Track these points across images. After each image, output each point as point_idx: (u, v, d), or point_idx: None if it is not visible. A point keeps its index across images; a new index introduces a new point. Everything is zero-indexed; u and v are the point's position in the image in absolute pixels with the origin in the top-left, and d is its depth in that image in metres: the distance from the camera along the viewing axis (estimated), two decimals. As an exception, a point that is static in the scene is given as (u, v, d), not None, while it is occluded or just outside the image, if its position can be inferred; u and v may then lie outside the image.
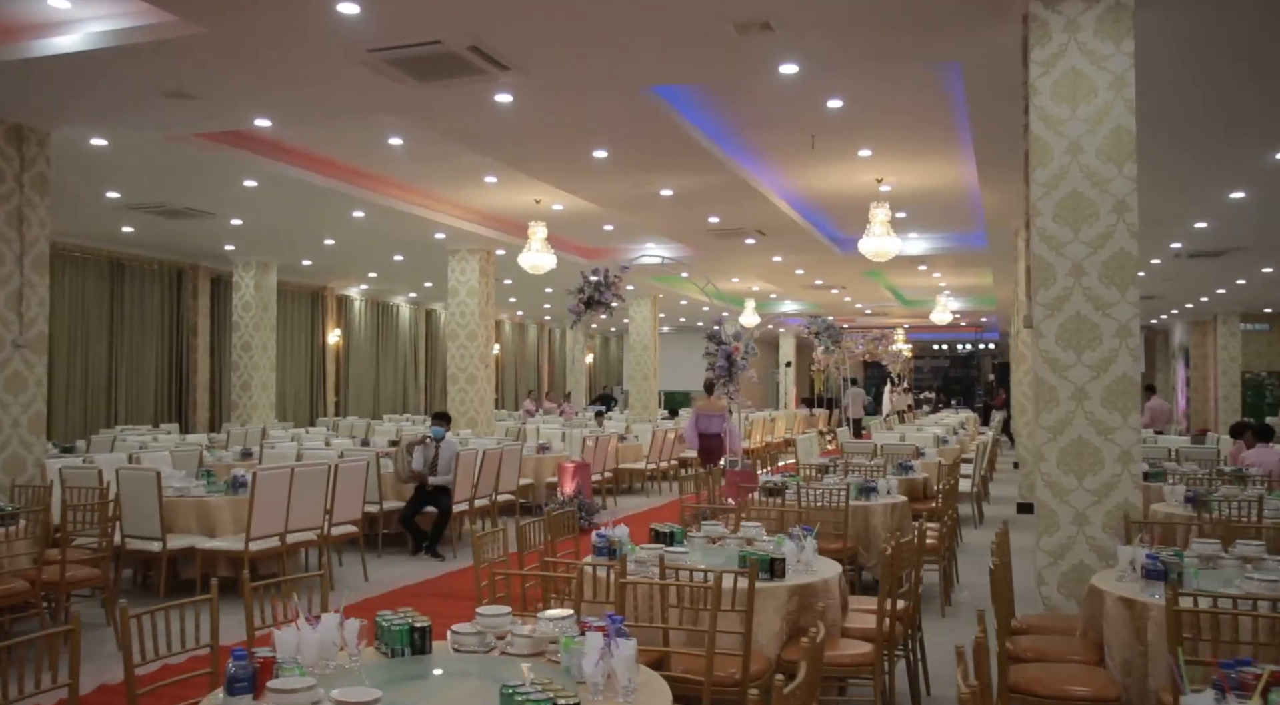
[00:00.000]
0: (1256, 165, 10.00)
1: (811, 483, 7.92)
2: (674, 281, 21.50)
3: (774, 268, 18.53)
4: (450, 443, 9.51)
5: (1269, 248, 15.37)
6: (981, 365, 43.28)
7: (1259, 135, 9.01)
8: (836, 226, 15.12)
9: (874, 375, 37.41)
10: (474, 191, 12.53)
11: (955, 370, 44.75)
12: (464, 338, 14.93)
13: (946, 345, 43.95)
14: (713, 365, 10.62)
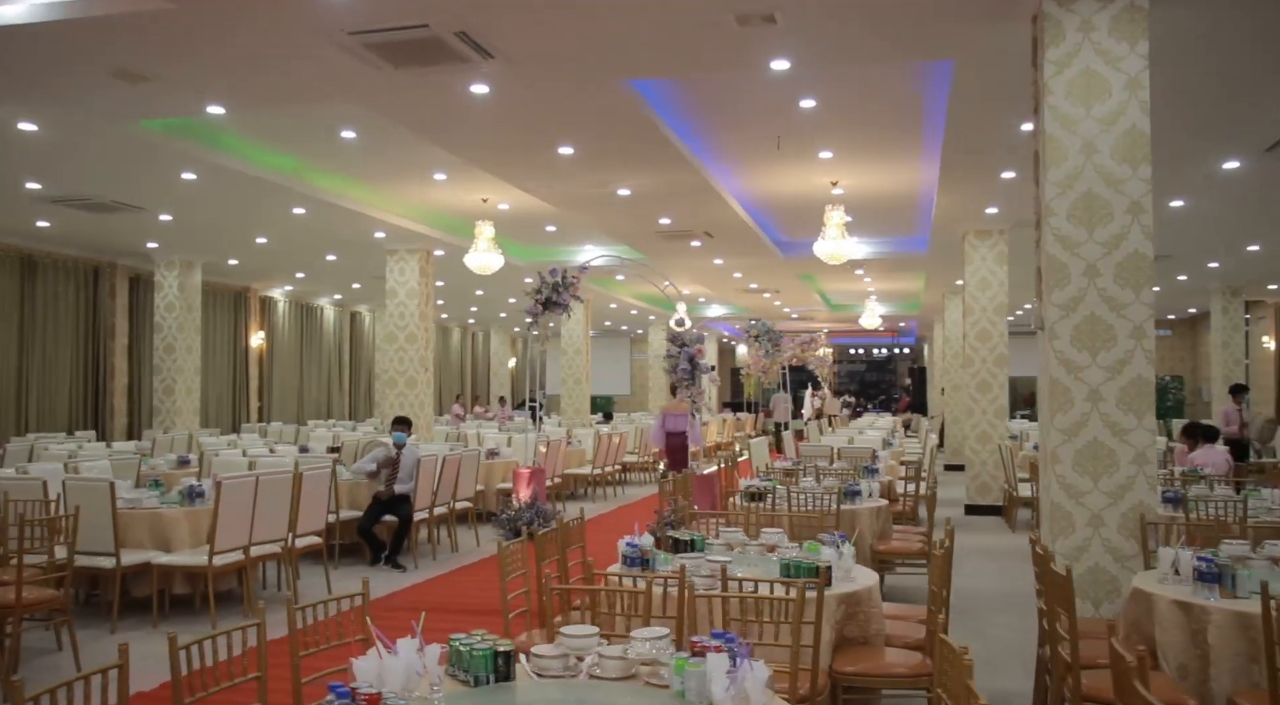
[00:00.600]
0: (1200, 174, 10.27)
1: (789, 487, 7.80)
2: (607, 284, 21.31)
3: (713, 271, 18.47)
4: (412, 449, 9.13)
5: (1190, 256, 15.90)
6: (897, 369, 44.12)
7: (1210, 146, 9.24)
8: (781, 229, 15.13)
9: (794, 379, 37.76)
10: (420, 189, 12.12)
11: (871, 374, 45.50)
12: (403, 340, 14.47)
13: (863, 350, 44.71)
14: (674, 367, 10.45)
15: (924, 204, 12.82)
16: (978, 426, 12.73)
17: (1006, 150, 9.14)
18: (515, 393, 32.46)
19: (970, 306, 12.85)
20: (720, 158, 10.47)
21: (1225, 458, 9.93)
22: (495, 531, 10.58)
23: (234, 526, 6.59)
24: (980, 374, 12.75)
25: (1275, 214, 12.27)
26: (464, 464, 9.79)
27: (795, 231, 15.55)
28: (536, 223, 14.55)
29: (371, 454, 9.12)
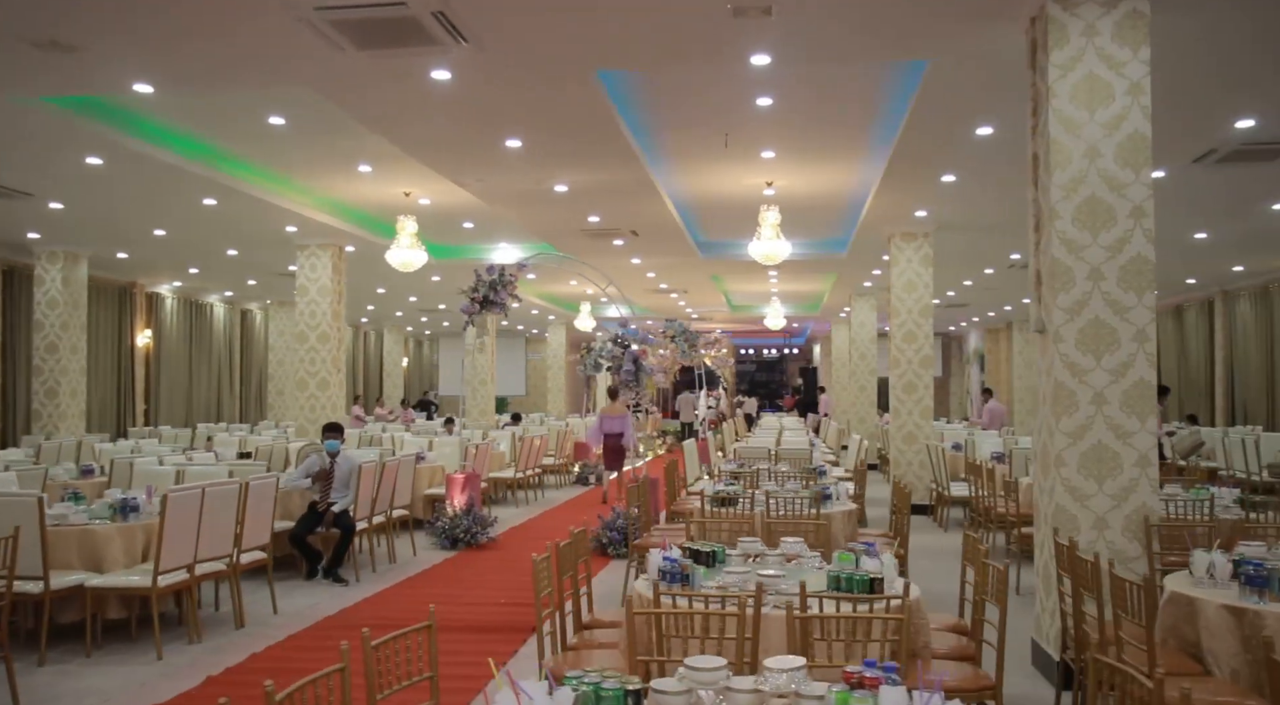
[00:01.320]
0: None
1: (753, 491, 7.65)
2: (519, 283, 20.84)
3: (627, 270, 18.27)
4: (348, 458, 8.63)
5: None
6: (787, 369, 44.83)
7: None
8: (704, 229, 15.03)
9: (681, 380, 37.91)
10: (342, 181, 11.55)
11: (761, 374, 46.14)
12: (314, 340, 13.78)
13: (753, 349, 45.31)
14: (618, 368, 10.19)
15: (852, 206, 12.91)
16: (904, 427, 12.89)
17: (956, 153, 9.23)
18: (408, 394, 31.60)
19: (896, 308, 13.01)
20: (663, 154, 10.27)
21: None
22: (430, 540, 10.14)
23: (179, 543, 6.04)
24: (906, 375, 12.92)
25: (1192, 224, 12.78)
26: (401, 471, 9.33)
27: (717, 232, 15.51)
28: (454, 219, 14.09)
29: (304, 465, 8.57)
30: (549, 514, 12.97)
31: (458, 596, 7.72)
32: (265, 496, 6.97)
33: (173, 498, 5.93)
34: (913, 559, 9.01)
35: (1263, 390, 18.28)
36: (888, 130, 9.25)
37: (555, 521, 12.24)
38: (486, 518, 10.26)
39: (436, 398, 32.49)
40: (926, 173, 10.06)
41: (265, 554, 7.07)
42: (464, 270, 17.80)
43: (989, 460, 11.72)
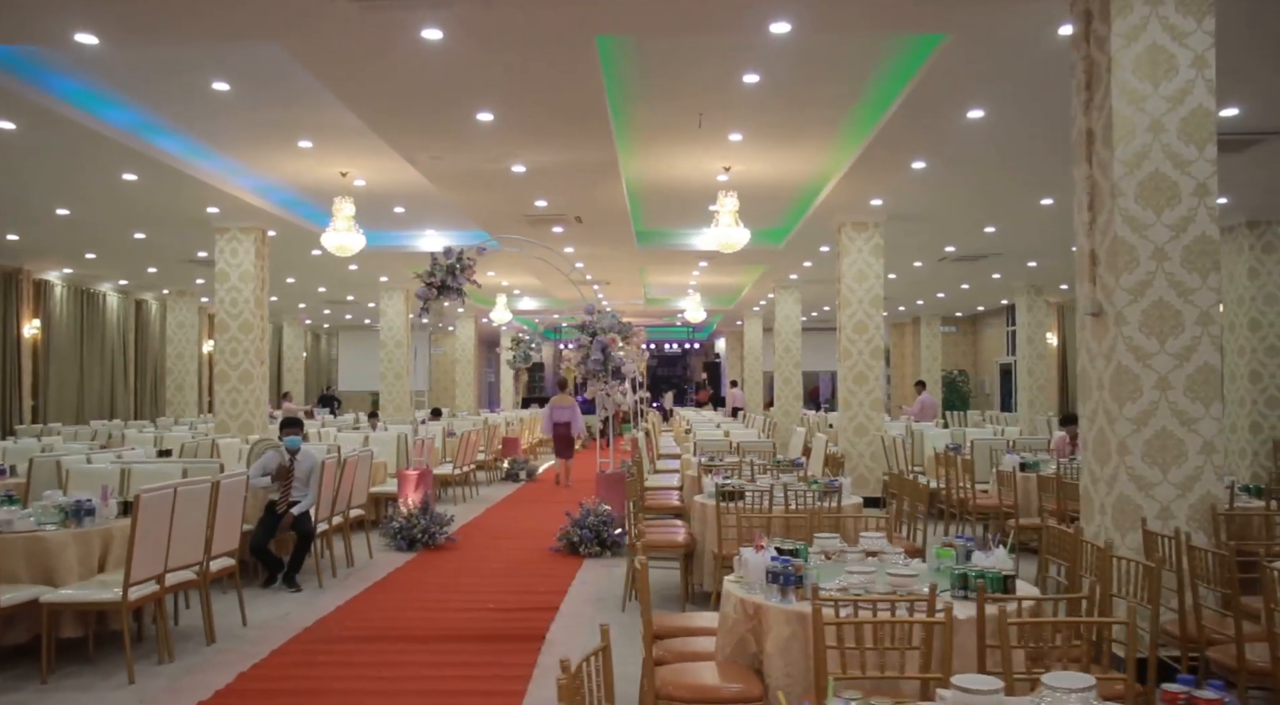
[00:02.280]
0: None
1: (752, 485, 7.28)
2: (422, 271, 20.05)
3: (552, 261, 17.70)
4: (309, 454, 7.91)
5: (1017, 254, 16.76)
6: (690, 364, 44.79)
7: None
8: (645, 218, 14.62)
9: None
10: (277, 158, 10.72)
11: (663, 369, 45.99)
12: (236, 329, 12.83)
13: (654, 343, 45.11)
14: (585, 358, 9.70)
15: (803, 194, 12.70)
16: (855, 419, 12.75)
17: (938, 137, 9.06)
18: (309, 389, 30.27)
19: (846, 298, 12.86)
20: (630, 132, 9.81)
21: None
22: (383, 541, 9.46)
23: (151, 550, 5.32)
24: (857, 366, 12.78)
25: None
26: (359, 468, 8.65)
27: (656, 220, 15.13)
28: (386, 203, 13.34)
29: (260, 462, 7.82)
30: (496, 511, 12.37)
31: (440, 602, 7.13)
32: (236, 497, 6.26)
33: (146, 499, 5.21)
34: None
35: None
36: (868, 113, 9.02)
37: (505, 518, 11.66)
38: (443, 516, 9.64)
39: (337, 394, 31.24)
40: (900, 158, 9.88)
41: (234, 560, 6.35)
42: (385, 259, 17.00)
43: (945, 451, 11.67)
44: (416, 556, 9.00)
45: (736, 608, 3.71)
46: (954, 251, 16.29)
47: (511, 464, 16.42)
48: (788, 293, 20.71)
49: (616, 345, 9.52)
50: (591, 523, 9.05)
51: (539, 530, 10.60)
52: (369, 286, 20.67)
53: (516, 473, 16.30)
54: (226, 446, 10.57)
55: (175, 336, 20.26)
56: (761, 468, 8.99)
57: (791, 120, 9.40)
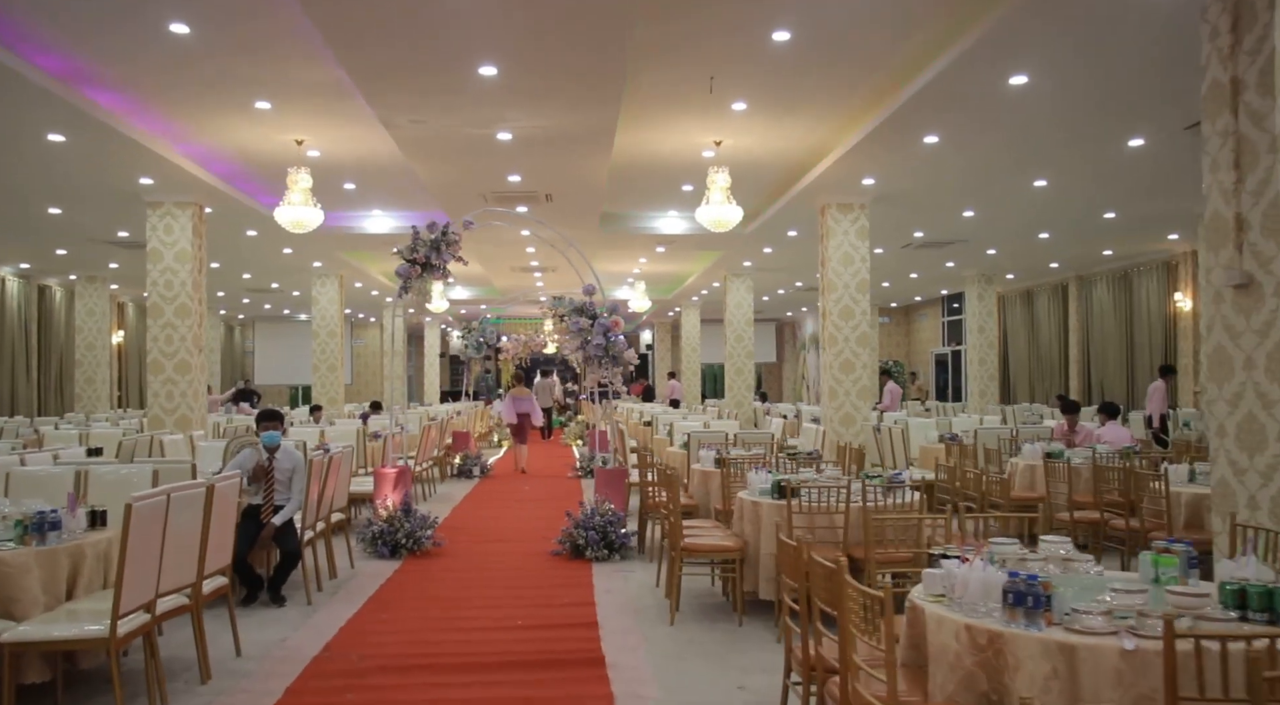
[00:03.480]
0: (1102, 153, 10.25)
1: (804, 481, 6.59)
2: (364, 257, 18.91)
3: (506, 242, 16.77)
4: (290, 452, 6.92)
5: (979, 241, 16.47)
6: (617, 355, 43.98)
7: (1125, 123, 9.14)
8: (610, 197, 13.77)
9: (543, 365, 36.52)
10: (227, 120, 9.61)
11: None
12: (171, 314, 11.60)
13: (578, 336, 44.17)
14: (584, 343, 8.85)
15: (788, 173, 12.07)
16: (841, 408, 12.18)
17: (969, 105, 8.49)
18: (223, 382, 28.55)
19: (832, 283, 12.28)
20: (627, 99, 9.01)
21: (1127, 435, 9.99)
22: (362, 548, 8.49)
23: (143, 571, 4.34)
24: (843, 353, 12.21)
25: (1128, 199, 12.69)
26: (343, 467, 7.67)
27: (623, 202, 14.33)
28: (336, 178, 12.27)
29: (235, 462, 6.80)
30: (465, 510, 11.43)
31: (458, 620, 6.25)
32: (230, 504, 5.29)
33: (139, 509, 4.23)
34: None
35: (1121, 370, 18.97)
36: (897, 77, 8.41)
37: (481, 518, 10.74)
38: (427, 518, 8.71)
39: (247, 385, 29.59)
40: (916, 131, 9.31)
41: (226, 578, 5.37)
42: (324, 242, 15.79)
43: (944, 442, 11.19)
44: (403, 564, 8.06)
45: (959, 637, 2.98)
46: (921, 237, 15.89)
47: (464, 459, 15.43)
48: (739, 280, 20.14)
49: (620, 329, 8.71)
50: (598, 524, 8.24)
51: (525, 531, 9.74)
52: (299, 273, 19.37)
53: (470, 469, 15.33)
54: (173, 444, 9.43)
55: (85, 326, 18.63)
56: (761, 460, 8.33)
57: (807, 86, 8.74)
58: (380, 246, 16.65)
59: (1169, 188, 11.96)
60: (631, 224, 15.56)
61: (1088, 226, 14.82)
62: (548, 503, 12.16)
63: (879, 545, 5.83)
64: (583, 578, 7.50)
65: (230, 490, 5.27)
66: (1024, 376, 23.04)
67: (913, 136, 9.46)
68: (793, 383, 35.99)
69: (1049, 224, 14.65)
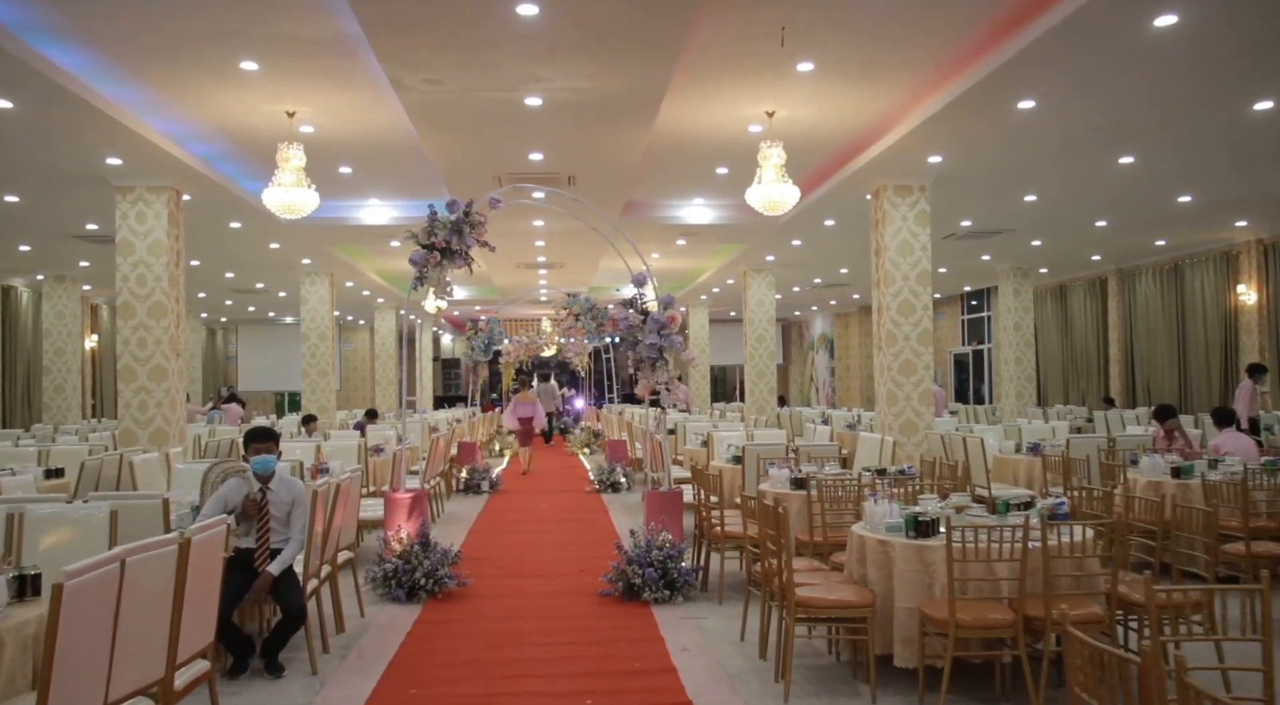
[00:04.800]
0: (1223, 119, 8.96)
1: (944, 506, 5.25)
2: (357, 253, 17.51)
3: (509, 240, 15.40)
4: (288, 482, 5.52)
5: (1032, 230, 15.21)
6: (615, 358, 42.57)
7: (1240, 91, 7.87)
8: (643, 181, 12.39)
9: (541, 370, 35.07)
10: (205, 86, 8.24)
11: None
12: (144, 314, 10.20)
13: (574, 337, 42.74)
14: (634, 344, 7.46)
15: (842, 150, 10.76)
16: (901, 415, 10.87)
17: (1087, 61, 7.19)
18: (205, 389, 27.07)
19: (890, 274, 10.96)
20: (683, 59, 7.67)
21: (1251, 444, 8.71)
22: (371, 588, 7.10)
23: (82, 673, 2.97)
24: (903, 353, 10.90)
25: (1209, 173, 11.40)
26: (351, 496, 6.28)
27: (646, 189, 12.98)
28: (330, 161, 10.91)
29: (217, 496, 5.38)
30: (481, 534, 10.04)
31: (514, 692, 4.88)
32: (213, 562, 3.91)
33: (74, 591, 2.86)
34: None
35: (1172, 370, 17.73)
36: (1002, 25, 7.10)
37: (506, 544, 9.35)
38: (449, 553, 7.33)
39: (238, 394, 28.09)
40: (1013, 93, 8.00)
41: (208, 662, 3.98)
42: (315, 235, 14.39)
43: (1030, 453, 9.88)
44: (423, 611, 6.67)
45: None
46: (968, 227, 14.59)
47: (471, 473, 14.03)
48: (760, 277, 18.77)
49: (675, 324, 7.32)
50: (656, 559, 6.88)
51: (558, 562, 8.39)
52: (287, 271, 17.93)
53: (478, 483, 13.92)
54: (145, 466, 8.02)
55: (53, 329, 17.14)
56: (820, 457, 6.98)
57: (891, 40, 7.43)
58: (376, 240, 15.27)
59: (1268, 164, 10.69)
60: (653, 213, 14.21)
61: (1155, 212, 13.57)
62: (572, 524, 10.82)
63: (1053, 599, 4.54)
64: (646, 628, 6.14)
65: (213, 544, 3.89)
66: (1057, 376, 21.80)
67: (1007, 99, 8.16)
68: (800, 385, 34.72)
69: (1114, 209, 13.37)
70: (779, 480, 7.49)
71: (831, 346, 31.27)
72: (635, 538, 7.18)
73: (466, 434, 16.28)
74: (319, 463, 8.64)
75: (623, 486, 13.86)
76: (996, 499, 5.63)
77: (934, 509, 5.19)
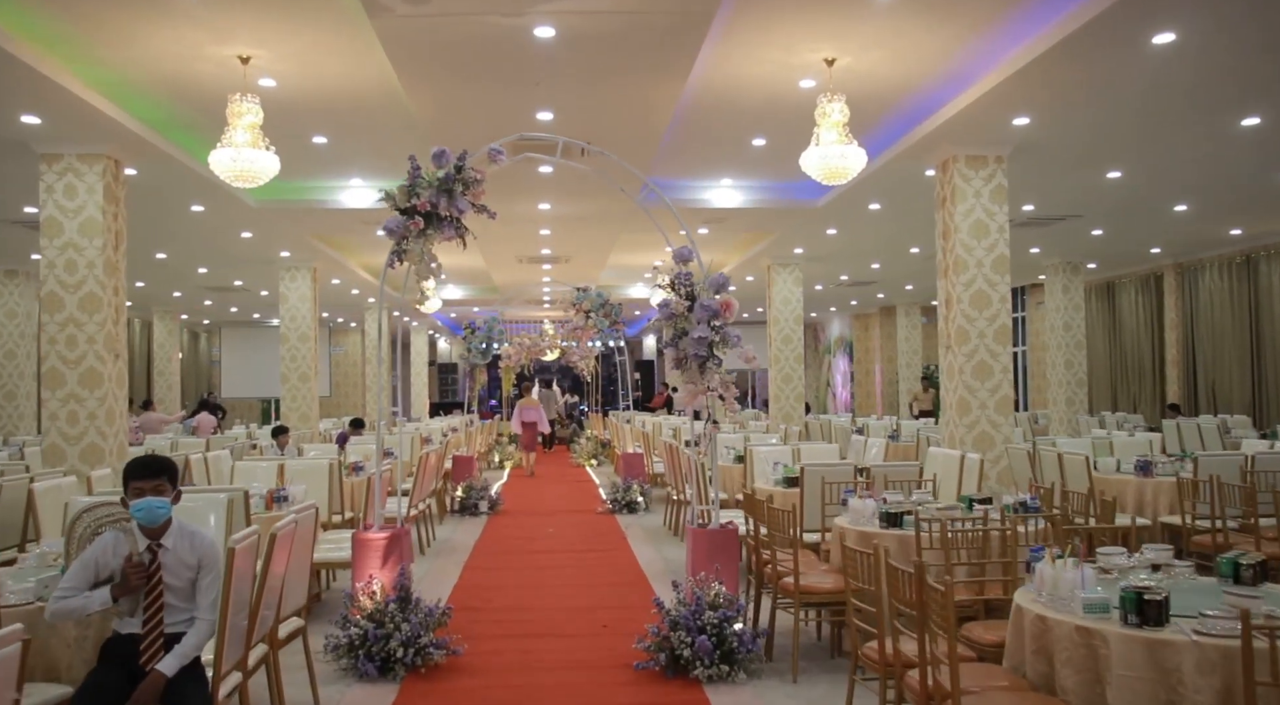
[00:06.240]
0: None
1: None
2: (341, 244, 15.83)
3: (511, 226, 13.72)
4: (195, 537, 3.77)
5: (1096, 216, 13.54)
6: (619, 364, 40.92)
7: None
8: (662, 157, 10.69)
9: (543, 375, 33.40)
10: (142, 25, 6.54)
11: (586, 369, 42.01)
12: (74, 307, 8.51)
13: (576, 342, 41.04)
14: (675, 338, 5.72)
15: (905, 113, 9.07)
16: (976, 426, 9.17)
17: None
18: (184, 395, 25.35)
19: (961, 260, 9.27)
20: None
21: None
22: (330, 661, 5.38)
23: None
24: (978, 354, 9.21)
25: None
26: (299, 545, 4.56)
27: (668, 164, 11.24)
28: (300, 128, 9.25)
29: (87, 554, 3.65)
30: (478, 571, 8.32)
31: None
32: None
33: None
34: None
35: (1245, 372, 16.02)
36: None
37: (510, 586, 7.62)
38: (435, 610, 5.63)
39: (220, 401, 26.41)
40: (1153, 20, 6.32)
41: None
42: (291, 221, 12.70)
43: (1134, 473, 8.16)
44: (400, 693, 4.98)
45: None
46: (1029, 212, 12.89)
47: (467, 492, 12.31)
48: (786, 272, 17.02)
49: (732, 312, 5.60)
50: (710, 623, 5.17)
51: (575, 613, 6.70)
52: (265, 265, 16.23)
53: (475, 503, 12.21)
54: (52, 495, 6.30)
55: (2, 330, 15.41)
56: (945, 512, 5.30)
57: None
58: (362, 229, 13.58)
59: None
60: (672, 195, 12.50)
61: (1247, 194, 11.89)
62: (587, 557, 9.14)
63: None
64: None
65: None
66: (1104, 381, 20.08)
67: (1142, 31, 6.47)
68: (816, 391, 33.00)
69: (1205, 190, 11.69)
70: (862, 514, 5.80)
71: (850, 349, 29.57)
72: (679, 592, 5.48)
73: (463, 445, 14.60)
74: (277, 489, 6.95)
75: (640, 507, 12.17)
76: (1223, 558, 3.92)
77: (1151, 579, 3.50)
